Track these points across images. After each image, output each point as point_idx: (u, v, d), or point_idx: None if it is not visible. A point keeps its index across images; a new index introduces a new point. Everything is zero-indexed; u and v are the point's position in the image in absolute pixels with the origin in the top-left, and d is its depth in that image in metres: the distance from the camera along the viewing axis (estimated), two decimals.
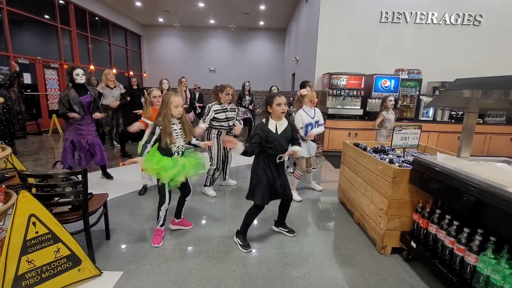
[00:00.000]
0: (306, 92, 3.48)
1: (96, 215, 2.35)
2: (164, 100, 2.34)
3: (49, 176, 2.12)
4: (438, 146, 5.18)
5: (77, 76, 3.42)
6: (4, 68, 7.09)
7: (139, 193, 3.64)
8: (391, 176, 2.30)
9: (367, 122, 6.19)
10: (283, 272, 2.21)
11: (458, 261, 1.81)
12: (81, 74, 3.44)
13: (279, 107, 2.32)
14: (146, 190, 3.70)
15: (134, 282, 2.05)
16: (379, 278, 2.16)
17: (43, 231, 1.83)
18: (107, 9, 11.16)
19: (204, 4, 10.76)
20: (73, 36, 9.48)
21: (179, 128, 2.43)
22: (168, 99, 2.32)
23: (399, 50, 6.75)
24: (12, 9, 7.23)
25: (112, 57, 11.94)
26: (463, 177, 1.71)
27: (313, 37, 7.14)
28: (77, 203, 2.16)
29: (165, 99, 2.34)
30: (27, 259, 1.77)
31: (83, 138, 3.62)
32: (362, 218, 2.86)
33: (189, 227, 2.83)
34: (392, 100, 4.59)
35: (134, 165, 4.71)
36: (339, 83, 6.22)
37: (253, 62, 14.68)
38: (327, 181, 4.65)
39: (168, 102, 2.31)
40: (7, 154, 2.03)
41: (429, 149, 3.09)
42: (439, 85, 6.31)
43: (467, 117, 2.21)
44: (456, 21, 6.65)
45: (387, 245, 2.44)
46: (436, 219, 2.05)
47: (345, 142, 3.50)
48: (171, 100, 2.31)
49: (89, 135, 3.68)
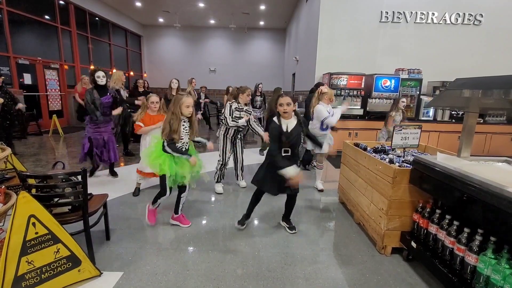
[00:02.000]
0: (327, 90, 3.73)
1: (96, 216, 2.34)
2: (177, 99, 2.50)
3: (49, 176, 2.12)
4: (439, 146, 5.18)
5: (98, 78, 3.71)
6: (4, 69, 7.10)
7: (133, 194, 3.64)
8: (391, 176, 2.30)
9: (367, 122, 6.19)
10: (283, 272, 2.21)
11: (459, 261, 1.80)
12: (101, 76, 3.73)
13: (281, 107, 2.45)
14: (139, 191, 3.71)
15: (134, 282, 2.05)
16: (379, 278, 2.15)
17: (42, 231, 1.83)
18: (107, 9, 11.17)
19: (204, 4, 10.76)
20: (73, 37, 9.49)
21: (188, 126, 2.61)
22: (180, 99, 2.49)
23: (399, 50, 6.75)
24: (12, 10, 7.24)
25: (112, 57, 11.94)
26: (463, 177, 1.71)
27: (313, 37, 7.14)
28: (77, 203, 2.16)
29: (178, 99, 2.50)
30: (27, 260, 1.77)
31: (100, 135, 3.90)
32: (362, 218, 2.86)
33: (186, 226, 2.86)
34: (404, 102, 4.82)
35: (132, 165, 4.72)
36: (339, 83, 6.21)
37: (253, 62, 14.68)
38: (327, 181, 4.64)
39: (180, 102, 2.48)
40: (7, 155, 2.03)
41: (430, 149, 3.09)
42: (440, 85, 6.31)
43: (467, 117, 2.21)
44: (457, 21, 6.64)
45: (387, 245, 2.43)
46: (436, 219, 2.05)
47: (345, 142, 3.50)
48: (183, 100, 2.48)
49: (106, 132, 3.95)
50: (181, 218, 2.88)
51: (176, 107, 2.48)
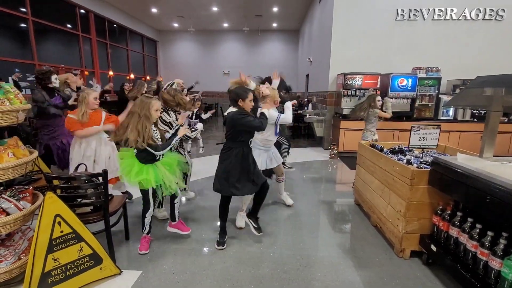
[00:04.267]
0: (269, 91, 2.95)
1: (116, 216, 2.43)
2: (145, 102, 2.31)
3: (73, 178, 2.22)
4: (460, 147, 4.99)
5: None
6: (30, 76, 7.46)
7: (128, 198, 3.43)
8: (409, 178, 2.24)
9: (383, 122, 6.05)
10: (299, 274, 2.20)
11: (482, 266, 1.74)
12: (53, 78, 3.64)
13: (251, 102, 2.43)
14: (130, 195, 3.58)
15: (152, 281, 2.10)
16: (398, 282, 2.11)
17: (67, 230, 1.92)
18: (125, 17, 11.54)
19: (217, 8, 10.90)
20: (93, 44, 9.87)
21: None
22: (149, 102, 2.32)
23: (416, 48, 6.57)
24: (37, 20, 7.63)
25: (129, 63, 12.32)
26: (486, 178, 1.65)
27: (327, 38, 7.07)
28: (98, 204, 2.25)
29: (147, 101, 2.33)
30: (53, 257, 1.87)
31: (57, 139, 3.70)
32: (379, 221, 2.80)
33: (186, 232, 2.68)
34: (380, 101, 4.26)
35: None
36: (354, 83, 6.13)
37: (267, 64, 14.69)
38: (342, 183, 4.59)
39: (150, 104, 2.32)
40: (34, 157, 2.14)
41: (449, 150, 2.99)
42: (460, 83, 6.09)
43: (490, 116, 2.12)
44: (477, 17, 6.39)
45: (406, 248, 2.38)
46: (457, 222, 1.98)
47: (361, 143, 3.45)
48: (152, 103, 2.33)
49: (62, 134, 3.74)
50: (180, 224, 2.69)
51: (145, 110, 2.25)
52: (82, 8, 9.16)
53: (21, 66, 7.36)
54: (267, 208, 3.40)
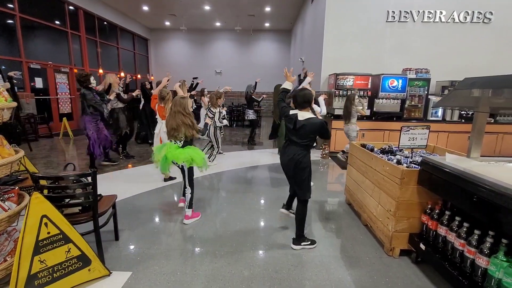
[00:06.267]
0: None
1: (105, 216, 2.38)
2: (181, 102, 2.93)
3: (60, 178, 2.17)
4: (448, 147, 5.10)
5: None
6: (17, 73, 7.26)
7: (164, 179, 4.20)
8: (398, 177, 2.28)
9: (374, 122, 6.14)
10: (290, 273, 2.20)
11: (469, 264, 1.77)
12: (92, 80, 4.43)
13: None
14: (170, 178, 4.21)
15: (142, 282, 2.07)
16: (388, 281, 2.13)
17: (54, 231, 1.88)
18: (116, 14, 11.35)
19: (209, 6, 10.84)
20: (83, 41, 9.67)
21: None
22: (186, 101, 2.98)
23: (406, 49, 6.68)
24: (25, 16, 7.43)
25: (120, 61, 12.13)
26: (473, 177, 1.68)
27: (319, 38, 7.12)
28: (87, 204, 2.20)
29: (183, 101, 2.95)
30: (40, 259, 1.82)
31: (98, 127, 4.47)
32: (370, 220, 2.84)
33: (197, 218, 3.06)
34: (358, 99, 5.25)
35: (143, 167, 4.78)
36: (345, 83, 6.19)
37: (259, 63, 14.70)
38: (333, 182, 4.62)
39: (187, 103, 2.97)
40: (20, 157, 2.08)
41: (438, 150, 3.04)
42: (448, 84, 6.22)
43: (477, 117, 2.17)
44: (465, 19, 6.54)
45: (395, 247, 2.41)
46: (445, 221, 2.02)
47: (352, 143, 3.48)
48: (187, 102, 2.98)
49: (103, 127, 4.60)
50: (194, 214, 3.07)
51: (186, 108, 2.85)
52: (71, 5, 8.97)
53: (8, 63, 7.17)
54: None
